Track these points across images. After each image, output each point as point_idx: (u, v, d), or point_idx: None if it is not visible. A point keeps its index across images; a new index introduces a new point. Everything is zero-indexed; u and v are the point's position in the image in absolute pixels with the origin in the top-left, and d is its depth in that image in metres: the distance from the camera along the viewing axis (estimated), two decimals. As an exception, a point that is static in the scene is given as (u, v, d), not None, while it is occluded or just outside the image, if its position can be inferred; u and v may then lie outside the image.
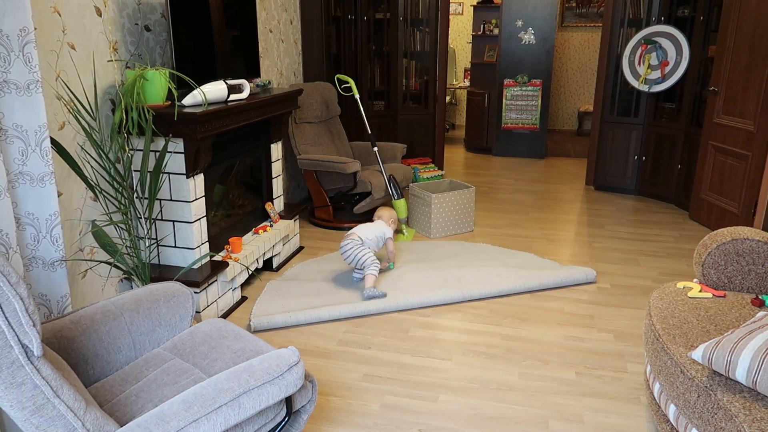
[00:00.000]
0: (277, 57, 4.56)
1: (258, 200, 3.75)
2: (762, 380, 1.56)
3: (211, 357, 1.89)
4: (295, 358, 1.65)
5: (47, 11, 2.32)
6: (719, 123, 4.40)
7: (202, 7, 3.07)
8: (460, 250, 4.01)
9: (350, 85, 4.44)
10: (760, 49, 3.96)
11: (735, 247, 2.28)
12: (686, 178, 4.97)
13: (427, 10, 5.88)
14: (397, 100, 5.93)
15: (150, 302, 2.02)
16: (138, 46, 2.90)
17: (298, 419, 1.86)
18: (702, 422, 1.69)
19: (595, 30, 8.38)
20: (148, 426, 1.41)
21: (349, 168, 4.20)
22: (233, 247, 3.22)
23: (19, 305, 1.33)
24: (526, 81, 6.96)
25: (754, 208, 4.00)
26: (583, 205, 5.22)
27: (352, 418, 2.31)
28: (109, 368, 1.87)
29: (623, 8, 5.29)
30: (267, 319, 2.98)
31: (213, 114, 2.76)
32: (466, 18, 8.86)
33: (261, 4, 4.21)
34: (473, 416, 2.32)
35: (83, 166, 2.57)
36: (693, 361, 1.79)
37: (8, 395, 1.33)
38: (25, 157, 2.05)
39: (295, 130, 4.49)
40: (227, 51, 3.35)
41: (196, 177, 2.88)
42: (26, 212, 2.10)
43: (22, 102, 1.99)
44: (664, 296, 2.23)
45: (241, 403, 1.52)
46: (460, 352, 2.78)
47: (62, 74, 2.42)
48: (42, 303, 2.19)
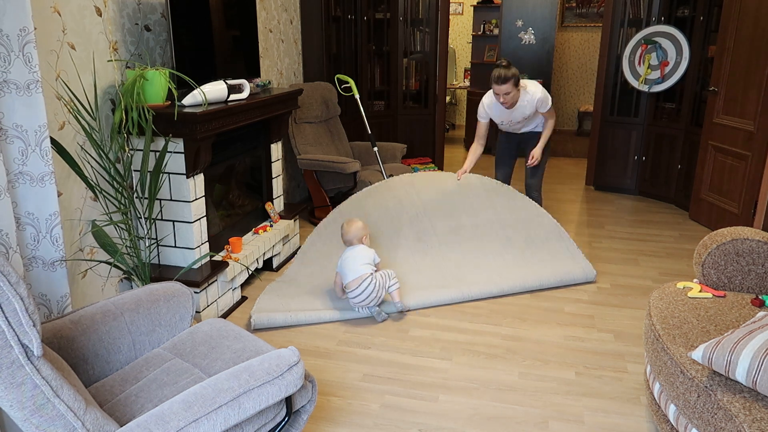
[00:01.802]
0: (277, 57, 4.56)
1: (258, 200, 3.75)
2: (762, 380, 1.56)
3: (211, 357, 1.89)
4: (295, 358, 1.65)
5: (47, 11, 2.32)
6: (719, 123, 4.40)
7: (202, 7, 3.07)
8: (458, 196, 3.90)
9: (350, 85, 4.44)
10: (760, 49, 3.96)
11: (735, 247, 2.27)
12: (686, 178, 4.97)
13: (427, 10, 5.88)
14: (397, 100, 5.93)
15: (150, 302, 2.02)
16: (138, 46, 2.90)
17: (298, 419, 1.86)
18: (702, 422, 1.69)
19: (595, 30, 8.38)
20: (148, 426, 1.41)
21: (349, 168, 4.19)
22: (233, 247, 3.22)
23: (19, 305, 1.33)
24: (526, 81, 6.95)
25: (754, 208, 4.00)
26: (583, 205, 5.22)
27: (352, 418, 2.31)
28: (109, 368, 1.87)
29: (623, 8, 5.29)
30: (267, 317, 2.97)
31: (213, 114, 2.76)
32: (466, 18, 8.86)
33: (261, 4, 4.21)
34: (473, 416, 2.32)
35: (83, 166, 2.57)
36: (693, 361, 1.79)
37: (8, 395, 1.33)
38: (25, 157, 2.05)
39: (295, 130, 4.49)
40: (227, 51, 3.35)
41: (196, 177, 2.88)
42: (26, 212, 2.10)
43: (22, 102, 1.99)
44: (664, 296, 2.23)
45: (241, 403, 1.52)
46: (460, 352, 2.78)
47: (62, 74, 2.42)
48: (42, 303, 2.19)
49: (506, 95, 3.57)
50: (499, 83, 3.54)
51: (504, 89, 3.55)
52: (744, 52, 4.14)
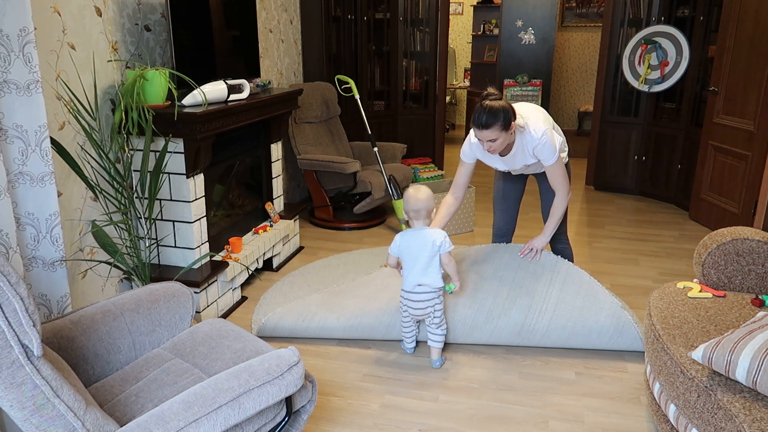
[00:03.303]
0: (277, 57, 4.56)
1: (258, 200, 3.75)
2: (762, 380, 1.56)
3: (211, 357, 1.89)
4: (295, 358, 1.65)
5: (47, 11, 2.32)
6: (719, 123, 4.40)
7: (202, 7, 3.07)
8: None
9: (350, 85, 4.44)
10: (760, 49, 3.96)
11: (735, 247, 2.27)
12: (686, 178, 4.97)
13: (427, 10, 5.88)
14: (397, 100, 5.93)
15: (150, 302, 2.02)
16: (138, 46, 2.90)
17: (298, 419, 1.86)
18: (702, 422, 1.69)
19: (595, 30, 8.37)
20: (148, 426, 1.40)
21: (349, 168, 4.19)
22: (233, 247, 3.22)
23: (19, 305, 1.32)
24: (526, 81, 6.96)
25: (754, 208, 4.00)
26: (583, 205, 5.22)
27: (352, 418, 2.31)
28: (109, 368, 1.87)
29: (623, 8, 5.29)
30: (273, 325, 2.89)
31: (213, 114, 2.76)
32: (466, 18, 8.85)
33: (261, 4, 4.21)
34: (473, 416, 2.32)
35: (83, 166, 2.57)
36: (693, 361, 1.79)
37: (8, 395, 1.33)
38: (25, 157, 2.05)
39: (295, 130, 4.49)
40: (227, 51, 3.35)
41: (196, 177, 2.88)
42: (26, 212, 2.10)
43: (22, 102, 1.99)
44: (664, 296, 2.23)
45: (241, 403, 1.52)
46: (461, 352, 2.77)
47: (62, 74, 2.42)
48: (42, 303, 2.19)
49: (492, 142, 2.46)
50: (480, 128, 2.43)
51: (487, 135, 2.43)
52: (744, 52, 4.14)
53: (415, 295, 2.56)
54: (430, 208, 2.53)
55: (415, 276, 2.54)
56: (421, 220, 2.54)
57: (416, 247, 2.52)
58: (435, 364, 2.65)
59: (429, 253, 2.50)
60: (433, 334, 2.63)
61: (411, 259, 2.54)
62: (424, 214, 2.52)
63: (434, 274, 2.54)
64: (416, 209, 2.51)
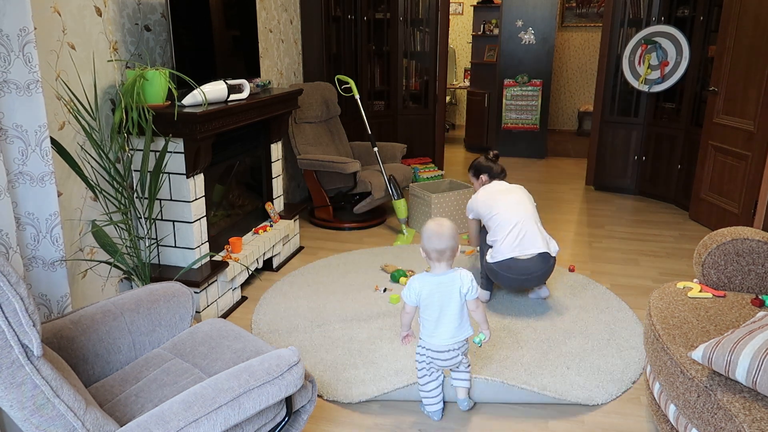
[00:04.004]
0: (277, 57, 4.56)
1: (258, 200, 3.75)
2: (762, 380, 1.56)
3: (211, 357, 1.89)
4: (295, 358, 1.65)
5: (47, 11, 2.32)
6: (719, 123, 4.40)
7: (202, 7, 3.07)
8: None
9: (350, 85, 4.44)
10: (760, 49, 3.96)
11: (735, 247, 2.27)
12: (686, 178, 4.97)
13: (427, 10, 5.88)
14: (397, 100, 5.93)
15: (150, 302, 2.02)
16: (138, 46, 2.90)
17: (298, 419, 1.86)
18: (702, 422, 1.69)
19: (595, 30, 8.38)
20: (148, 426, 1.40)
21: (349, 168, 4.19)
22: (233, 247, 3.22)
23: (19, 305, 1.32)
24: (526, 81, 6.97)
25: (754, 208, 4.00)
26: (583, 205, 5.22)
27: (352, 419, 2.31)
28: (109, 368, 1.87)
29: (623, 8, 5.29)
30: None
31: (213, 114, 2.76)
32: (466, 18, 8.86)
33: (261, 4, 4.21)
34: (473, 416, 2.32)
35: (83, 166, 2.57)
36: (693, 361, 1.79)
37: (8, 395, 1.33)
38: (25, 157, 2.05)
39: (295, 130, 4.49)
40: (227, 51, 3.35)
41: (196, 177, 2.88)
42: (26, 212, 2.10)
43: (22, 102, 1.99)
44: (664, 296, 2.23)
45: (241, 403, 1.52)
46: (460, 352, 2.77)
47: (62, 74, 2.42)
48: (42, 303, 2.19)
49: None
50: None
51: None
52: (744, 52, 4.14)
53: (447, 353, 2.15)
54: (456, 246, 2.07)
55: (449, 333, 2.12)
56: (445, 262, 2.09)
57: (441, 296, 2.09)
58: (463, 405, 2.31)
59: (458, 302, 2.10)
60: (458, 372, 2.26)
61: (434, 310, 2.10)
62: (449, 254, 2.07)
63: (468, 326, 2.16)
64: (440, 249, 2.05)
